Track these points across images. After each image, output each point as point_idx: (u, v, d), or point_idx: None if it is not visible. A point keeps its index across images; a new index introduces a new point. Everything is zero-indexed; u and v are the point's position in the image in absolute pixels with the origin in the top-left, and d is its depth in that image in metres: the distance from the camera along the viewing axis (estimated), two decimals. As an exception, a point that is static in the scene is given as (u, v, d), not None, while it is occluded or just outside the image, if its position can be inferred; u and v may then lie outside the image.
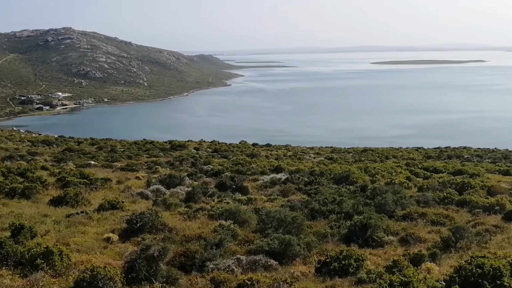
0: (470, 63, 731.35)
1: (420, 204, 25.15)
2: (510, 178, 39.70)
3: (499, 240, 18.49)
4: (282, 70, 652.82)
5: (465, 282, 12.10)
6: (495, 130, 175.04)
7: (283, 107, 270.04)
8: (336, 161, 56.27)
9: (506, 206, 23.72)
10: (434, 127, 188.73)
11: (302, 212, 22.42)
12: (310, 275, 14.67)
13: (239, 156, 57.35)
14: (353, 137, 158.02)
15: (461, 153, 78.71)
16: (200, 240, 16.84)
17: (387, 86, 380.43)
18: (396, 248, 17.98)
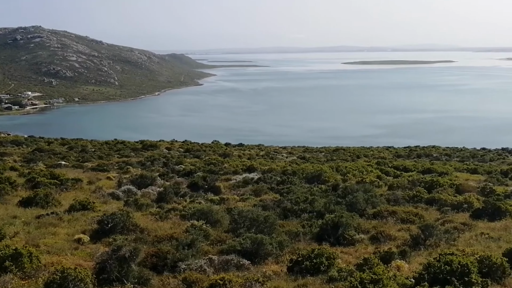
0: (439, 63, 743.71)
1: (390, 202, 25.48)
2: (478, 177, 40.51)
3: (467, 238, 18.82)
4: (254, 69, 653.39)
5: (434, 279, 12.31)
6: (464, 129, 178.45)
7: (255, 106, 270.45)
8: (309, 161, 56.61)
9: (474, 204, 24.21)
10: (404, 126, 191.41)
11: (274, 211, 22.51)
12: (282, 274, 14.76)
13: (212, 156, 57.28)
14: (325, 137, 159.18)
15: (430, 152, 79.91)
16: (172, 241, 16.79)
17: (358, 86, 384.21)
18: (367, 246, 18.18)
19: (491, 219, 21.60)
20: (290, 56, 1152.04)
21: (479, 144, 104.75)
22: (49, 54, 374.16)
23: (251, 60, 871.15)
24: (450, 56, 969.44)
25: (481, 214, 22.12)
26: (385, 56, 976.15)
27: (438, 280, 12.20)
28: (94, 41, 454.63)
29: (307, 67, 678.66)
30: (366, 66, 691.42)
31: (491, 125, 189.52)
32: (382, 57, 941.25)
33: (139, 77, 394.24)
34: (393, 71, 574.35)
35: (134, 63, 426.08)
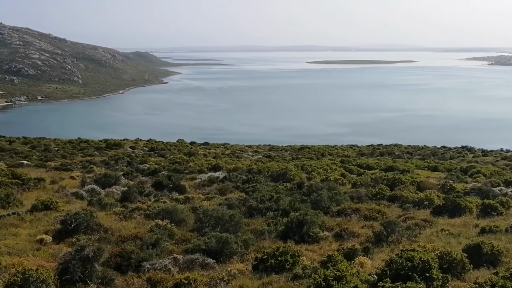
0: (401, 63, 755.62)
1: (354, 200, 25.87)
2: (439, 174, 41.42)
3: (428, 234, 19.23)
4: (220, 68, 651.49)
5: (396, 275, 12.49)
6: (425, 128, 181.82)
7: (221, 105, 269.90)
8: (274, 159, 56.86)
9: (434, 201, 24.79)
10: (368, 125, 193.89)
11: (239, 210, 22.59)
12: (247, 272, 14.83)
13: (177, 154, 56.95)
14: (291, 135, 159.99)
15: (393, 150, 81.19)
16: (136, 240, 16.68)
17: (322, 85, 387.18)
18: (331, 244, 18.41)
19: (451, 215, 22.15)
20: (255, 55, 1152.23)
21: (439, 142, 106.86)
22: (10, 52, 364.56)
23: (216, 59, 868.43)
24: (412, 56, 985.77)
25: (441, 211, 22.68)
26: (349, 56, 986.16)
27: (400, 276, 12.40)
28: (57, 38, 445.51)
29: (273, 66, 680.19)
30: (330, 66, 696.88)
31: (451, 124, 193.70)
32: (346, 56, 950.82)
33: (103, 75, 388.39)
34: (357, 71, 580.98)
35: (98, 61, 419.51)
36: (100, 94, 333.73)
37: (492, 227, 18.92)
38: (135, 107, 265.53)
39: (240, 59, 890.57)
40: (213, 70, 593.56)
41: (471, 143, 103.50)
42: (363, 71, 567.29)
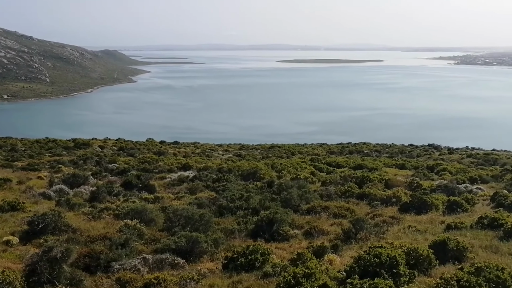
0: (370, 62, 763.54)
1: (323, 198, 26.12)
2: (406, 172, 42.14)
3: (395, 231, 19.51)
4: (189, 66, 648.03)
5: (364, 271, 12.65)
6: (393, 126, 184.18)
7: (191, 104, 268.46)
8: (244, 158, 56.91)
9: (402, 198, 25.19)
10: (337, 123, 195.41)
11: (210, 209, 22.58)
12: (217, 271, 14.86)
13: (146, 154, 56.51)
14: (261, 134, 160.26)
15: (361, 148, 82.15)
16: (105, 240, 16.57)
17: (293, 84, 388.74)
18: (301, 241, 18.56)
19: (418, 212, 22.53)
20: (225, 54, 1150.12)
21: (407, 141, 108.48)
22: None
23: (186, 57, 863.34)
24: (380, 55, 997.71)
25: (408, 208, 23.05)
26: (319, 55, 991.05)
27: (368, 272, 12.56)
28: (23, 36, 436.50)
29: (242, 65, 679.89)
30: (300, 65, 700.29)
31: (418, 122, 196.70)
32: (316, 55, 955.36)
33: (71, 74, 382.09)
34: (326, 70, 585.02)
35: (66, 59, 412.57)
36: (68, 93, 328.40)
37: (458, 224, 19.31)
38: (104, 106, 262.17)
39: (210, 58, 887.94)
40: (183, 69, 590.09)
41: (438, 141, 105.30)
42: (332, 70, 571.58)
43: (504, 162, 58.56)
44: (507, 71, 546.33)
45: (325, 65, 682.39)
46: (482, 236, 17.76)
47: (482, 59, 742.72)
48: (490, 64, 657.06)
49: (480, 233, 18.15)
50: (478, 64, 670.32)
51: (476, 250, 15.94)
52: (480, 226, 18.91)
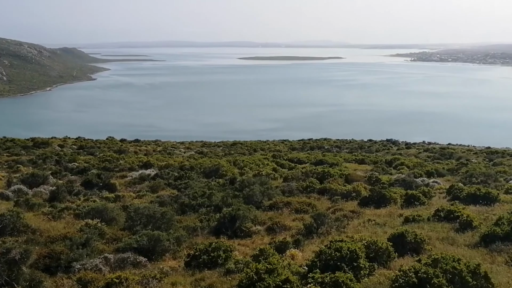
0: (330, 59, 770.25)
1: (285, 193, 26.35)
2: (365, 167, 42.84)
3: (355, 224, 19.85)
4: (150, 64, 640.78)
5: (325, 265, 12.85)
6: (352, 122, 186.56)
7: (152, 101, 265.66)
8: (207, 155, 56.80)
9: (361, 193, 25.64)
10: (299, 120, 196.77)
11: (172, 207, 22.49)
12: (180, 269, 14.84)
13: (106, 152, 55.71)
14: (223, 131, 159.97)
15: (322, 144, 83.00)
16: (65, 241, 16.31)
17: (254, 81, 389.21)
18: (263, 237, 18.69)
19: (377, 206, 22.98)
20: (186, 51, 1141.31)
21: (366, 136, 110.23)
22: None
23: (146, 54, 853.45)
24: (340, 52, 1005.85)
25: (368, 202, 23.49)
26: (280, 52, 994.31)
27: (330, 266, 12.75)
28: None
29: (204, 62, 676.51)
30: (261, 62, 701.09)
31: (377, 118, 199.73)
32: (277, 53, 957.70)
33: (29, 72, 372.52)
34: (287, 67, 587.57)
35: (24, 57, 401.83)
36: (26, 91, 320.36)
37: (415, 216, 19.77)
38: (63, 105, 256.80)
39: (171, 55, 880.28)
40: (143, 66, 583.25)
41: (396, 136, 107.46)
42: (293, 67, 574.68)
43: (460, 156, 60.31)
44: (461, 67, 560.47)
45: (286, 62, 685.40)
46: (439, 228, 18.21)
47: (438, 55, 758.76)
48: (445, 61, 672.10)
49: (437, 225, 18.62)
50: (433, 61, 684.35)
51: (433, 242, 16.33)
52: (437, 219, 19.40)
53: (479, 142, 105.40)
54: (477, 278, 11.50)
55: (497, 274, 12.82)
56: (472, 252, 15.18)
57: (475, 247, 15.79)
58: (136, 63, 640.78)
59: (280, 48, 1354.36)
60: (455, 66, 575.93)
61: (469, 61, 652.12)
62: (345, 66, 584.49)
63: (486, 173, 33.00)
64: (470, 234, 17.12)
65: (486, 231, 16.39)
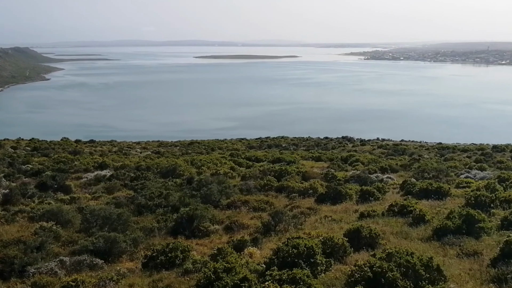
0: (285, 58, 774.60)
1: (243, 192, 26.43)
2: (322, 164, 43.36)
3: (312, 221, 20.14)
4: (104, 63, 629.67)
5: (283, 262, 13.01)
6: (309, 120, 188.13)
7: (107, 101, 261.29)
8: (163, 155, 56.31)
9: (318, 190, 25.98)
10: (256, 118, 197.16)
11: (128, 208, 22.25)
12: (137, 270, 14.76)
13: (61, 153, 54.57)
14: (180, 130, 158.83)
15: (280, 142, 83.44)
16: (19, 244, 15.97)
17: (211, 79, 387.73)
18: (221, 236, 18.74)
19: (333, 202, 23.37)
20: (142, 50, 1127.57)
21: (322, 134, 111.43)
22: None
23: (101, 54, 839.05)
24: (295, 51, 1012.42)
25: (324, 198, 23.85)
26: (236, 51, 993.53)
27: (287, 263, 12.92)
28: None
29: (160, 61, 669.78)
30: (217, 60, 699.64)
31: (332, 116, 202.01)
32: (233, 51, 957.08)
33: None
34: (243, 65, 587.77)
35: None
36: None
37: (370, 212, 20.22)
38: (16, 105, 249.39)
39: (126, 54, 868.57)
40: (97, 66, 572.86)
41: (351, 133, 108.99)
42: (250, 66, 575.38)
43: (412, 152, 61.76)
44: (413, 65, 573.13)
45: (243, 61, 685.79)
46: (393, 223, 18.66)
47: (390, 54, 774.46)
48: (398, 59, 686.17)
49: (391, 220, 19.08)
50: (386, 59, 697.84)
51: (387, 237, 16.72)
52: (391, 214, 19.89)
53: (430, 138, 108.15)
54: (430, 271, 11.81)
55: (449, 266, 13.23)
56: (425, 246, 15.61)
57: (428, 240, 16.25)
58: (90, 62, 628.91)
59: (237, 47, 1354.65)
60: (407, 64, 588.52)
61: (420, 59, 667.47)
62: (301, 65, 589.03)
63: (438, 168, 33.92)
64: (423, 228, 17.61)
65: (438, 225, 16.89)
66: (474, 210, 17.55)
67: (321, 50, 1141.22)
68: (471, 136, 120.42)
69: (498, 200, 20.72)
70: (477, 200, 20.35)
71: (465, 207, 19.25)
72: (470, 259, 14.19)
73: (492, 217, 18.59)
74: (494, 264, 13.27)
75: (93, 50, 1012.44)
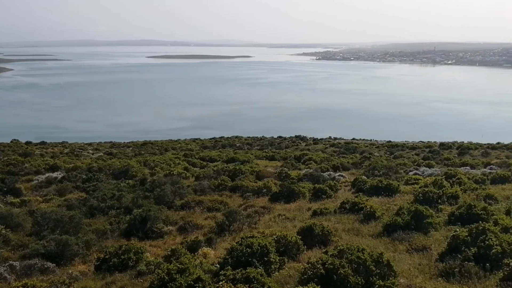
0: (239, 58, 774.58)
1: (197, 192, 26.39)
2: (275, 163, 43.73)
3: (266, 220, 20.31)
4: (56, 63, 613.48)
5: (237, 262, 13.07)
6: (263, 120, 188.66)
7: (58, 102, 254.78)
8: (116, 156, 55.55)
9: (272, 188, 26.24)
10: (210, 118, 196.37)
11: (80, 210, 21.91)
12: (90, 273, 14.58)
13: (11, 156, 53.09)
14: (133, 131, 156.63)
15: (234, 142, 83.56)
16: (-34, 250, 15.51)
17: (163, 79, 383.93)
18: (175, 237, 18.69)
19: (287, 201, 23.64)
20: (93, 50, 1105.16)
21: (276, 133, 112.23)
22: None
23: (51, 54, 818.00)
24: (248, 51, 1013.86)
25: (278, 197, 24.11)
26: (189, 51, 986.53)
27: (241, 262, 12.98)
28: None
29: (112, 61, 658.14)
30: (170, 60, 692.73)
31: (286, 115, 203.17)
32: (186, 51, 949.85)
33: None
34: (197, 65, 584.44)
35: None
36: None
37: (323, 209, 20.55)
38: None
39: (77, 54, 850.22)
40: (48, 66, 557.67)
41: (304, 133, 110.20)
42: (203, 66, 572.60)
43: (363, 150, 63.07)
44: (363, 65, 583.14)
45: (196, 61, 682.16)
46: (344, 220, 19.03)
47: (341, 54, 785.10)
48: (348, 60, 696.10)
49: (343, 217, 19.45)
50: (337, 60, 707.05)
51: (339, 234, 17.01)
52: (343, 211, 20.28)
53: (380, 136, 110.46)
54: (380, 267, 12.02)
55: (399, 261, 13.52)
56: (376, 242, 15.93)
57: (379, 236, 16.59)
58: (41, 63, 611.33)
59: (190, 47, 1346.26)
60: (357, 64, 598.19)
61: (370, 59, 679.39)
62: (254, 65, 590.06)
63: (387, 166, 34.74)
64: (373, 224, 18.01)
65: (388, 221, 17.30)
66: (422, 206, 17.98)
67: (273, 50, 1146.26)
68: (420, 134, 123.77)
69: (445, 196, 21.41)
70: (425, 196, 20.95)
71: (414, 203, 19.75)
72: (419, 254, 14.52)
73: (440, 212, 19.19)
74: (442, 258, 13.63)
75: (43, 50, 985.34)
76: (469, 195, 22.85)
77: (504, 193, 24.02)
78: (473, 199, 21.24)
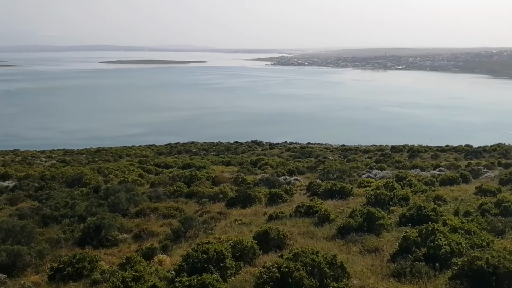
0: (194, 63, 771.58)
1: (153, 199, 26.19)
2: (232, 168, 43.87)
3: (223, 226, 20.33)
4: (5, 69, 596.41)
5: (193, 268, 13.05)
6: (218, 125, 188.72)
7: (8, 109, 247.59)
8: (69, 164, 54.53)
9: (228, 194, 26.31)
10: (165, 124, 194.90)
11: (33, 219, 21.45)
12: (43, 283, 14.31)
13: (-44, 165, 51.33)
14: (86, 138, 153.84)
15: (190, 147, 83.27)
16: None
17: (117, 85, 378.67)
18: (130, 245, 18.51)
19: (243, 206, 23.76)
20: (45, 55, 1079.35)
21: (232, 138, 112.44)
22: None
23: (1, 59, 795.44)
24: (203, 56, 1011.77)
25: (234, 202, 24.20)
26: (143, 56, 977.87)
27: (197, 269, 12.98)
28: None
29: (64, 67, 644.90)
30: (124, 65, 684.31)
31: (242, 120, 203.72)
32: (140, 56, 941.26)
33: None
34: (151, 70, 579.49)
35: None
36: None
37: (278, 214, 20.78)
38: None
39: (28, 60, 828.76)
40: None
41: (260, 137, 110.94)
42: (157, 71, 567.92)
43: (318, 154, 63.96)
44: (317, 70, 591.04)
45: (150, 66, 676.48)
46: (300, 223, 19.26)
47: (295, 60, 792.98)
48: (302, 65, 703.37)
49: (298, 220, 19.68)
50: (292, 65, 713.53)
51: (295, 237, 17.18)
52: (298, 214, 20.52)
53: (334, 140, 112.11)
54: (334, 269, 12.20)
55: (352, 263, 13.75)
56: (330, 244, 16.16)
57: (333, 239, 16.84)
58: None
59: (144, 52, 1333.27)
60: (311, 70, 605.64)
61: (323, 64, 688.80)
62: (209, 70, 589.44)
63: (341, 169, 35.37)
64: (328, 227, 18.29)
65: (342, 223, 17.60)
66: (374, 208, 18.33)
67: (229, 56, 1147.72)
68: (372, 137, 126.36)
69: (396, 197, 21.95)
70: (377, 199, 21.43)
71: (366, 205, 20.18)
72: (372, 255, 14.77)
73: (391, 214, 19.65)
74: (394, 259, 13.89)
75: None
76: (419, 196, 23.50)
77: (452, 194, 24.87)
78: (423, 200, 21.84)
